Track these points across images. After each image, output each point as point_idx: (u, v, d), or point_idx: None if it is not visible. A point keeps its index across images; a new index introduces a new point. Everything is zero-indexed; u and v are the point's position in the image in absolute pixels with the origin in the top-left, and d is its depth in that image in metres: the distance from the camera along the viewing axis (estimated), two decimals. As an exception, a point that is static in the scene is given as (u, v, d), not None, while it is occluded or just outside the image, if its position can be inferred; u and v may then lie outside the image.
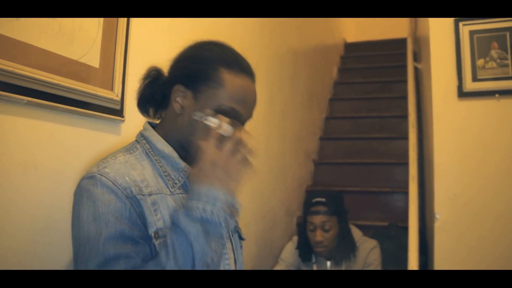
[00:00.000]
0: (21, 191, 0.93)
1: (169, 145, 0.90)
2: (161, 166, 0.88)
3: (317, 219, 2.01)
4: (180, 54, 0.95)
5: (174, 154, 0.90)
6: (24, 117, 0.95)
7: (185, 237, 0.73)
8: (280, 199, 2.79)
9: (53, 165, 1.01)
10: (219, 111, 0.86)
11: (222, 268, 0.90)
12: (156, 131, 0.93)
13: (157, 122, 0.98)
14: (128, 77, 1.25)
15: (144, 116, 0.99)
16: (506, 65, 1.78)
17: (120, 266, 0.73)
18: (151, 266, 0.74)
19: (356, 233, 2.16)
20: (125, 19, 1.23)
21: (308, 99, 3.56)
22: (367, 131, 3.87)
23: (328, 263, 2.10)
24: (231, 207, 0.78)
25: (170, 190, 0.86)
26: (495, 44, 1.80)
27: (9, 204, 0.91)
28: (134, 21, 1.28)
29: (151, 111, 0.98)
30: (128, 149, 0.90)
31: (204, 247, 0.74)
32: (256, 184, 2.32)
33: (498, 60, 1.79)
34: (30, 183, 0.95)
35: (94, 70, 1.13)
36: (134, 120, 1.28)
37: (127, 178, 0.80)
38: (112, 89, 1.19)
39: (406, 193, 3.05)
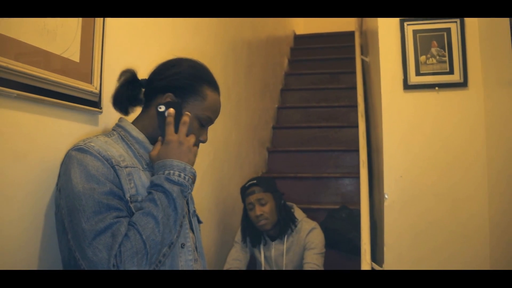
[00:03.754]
0: (12, 179, 0.97)
1: (142, 133, 1.11)
2: (135, 149, 1.08)
3: (253, 198, 2.18)
4: (171, 66, 1.15)
5: (146, 141, 1.11)
6: (13, 109, 0.98)
7: (168, 195, 0.95)
8: (238, 186, 2.87)
9: (41, 154, 1.06)
10: (198, 118, 1.10)
11: (183, 231, 1.08)
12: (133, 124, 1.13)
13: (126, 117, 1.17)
14: (104, 71, 1.30)
15: (118, 112, 1.17)
16: (444, 62, 1.99)
17: (113, 215, 0.90)
18: (143, 214, 0.92)
19: (299, 213, 2.32)
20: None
21: (262, 90, 3.68)
22: (317, 120, 4.05)
23: (273, 243, 2.25)
24: (192, 176, 1.03)
25: (143, 167, 1.05)
26: (435, 43, 2.01)
27: (1, 192, 0.95)
28: (109, 19, 1.33)
29: (124, 108, 1.16)
30: (106, 134, 1.10)
31: (182, 203, 0.97)
32: (215, 172, 2.42)
33: (437, 57, 2.00)
34: (20, 172, 1.00)
35: (75, 65, 1.18)
36: (111, 112, 1.34)
37: (108, 152, 0.98)
38: (91, 82, 1.24)
39: (355, 177, 3.29)
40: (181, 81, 1.10)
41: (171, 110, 1.07)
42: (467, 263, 1.88)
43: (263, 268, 2.24)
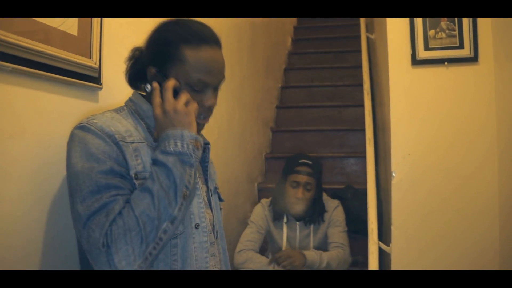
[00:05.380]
0: (9, 157, 0.94)
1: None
2: (145, 123, 1.03)
3: (302, 178, 2.15)
4: (148, 37, 1.05)
5: None
6: (8, 84, 0.95)
7: (165, 167, 0.89)
8: (242, 166, 2.88)
9: (39, 131, 1.03)
10: (188, 84, 0.98)
11: (195, 206, 1.03)
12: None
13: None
14: (104, 46, 1.26)
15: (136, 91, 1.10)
16: (454, 36, 1.92)
17: (112, 193, 0.87)
18: (140, 191, 0.88)
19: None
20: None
21: (265, 69, 3.63)
22: (321, 99, 4.02)
23: (297, 224, 2.23)
24: (195, 141, 0.94)
25: (152, 143, 0.99)
26: (444, 16, 1.94)
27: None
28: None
29: (142, 86, 1.07)
30: (116, 109, 1.04)
31: (182, 172, 0.90)
32: (219, 151, 2.39)
33: (447, 31, 1.93)
34: (17, 149, 0.97)
35: (72, 38, 1.14)
36: (111, 88, 1.31)
37: (112, 128, 0.94)
38: (90, 57, 1.20)
39: (360, 157, 3.26)
40: (155, 51, 1.01)
41: (155, 84, 0.99)
42: (476, 242, 1.86)
43: (284, 249, 2.20)
